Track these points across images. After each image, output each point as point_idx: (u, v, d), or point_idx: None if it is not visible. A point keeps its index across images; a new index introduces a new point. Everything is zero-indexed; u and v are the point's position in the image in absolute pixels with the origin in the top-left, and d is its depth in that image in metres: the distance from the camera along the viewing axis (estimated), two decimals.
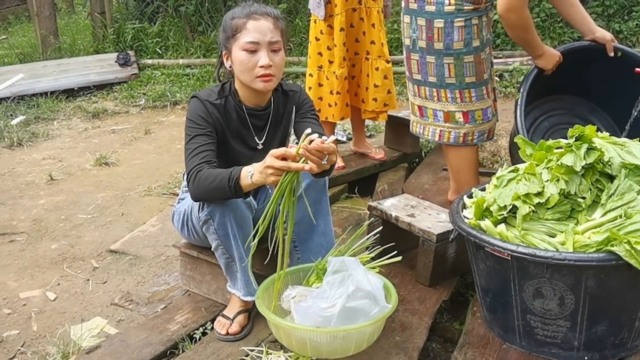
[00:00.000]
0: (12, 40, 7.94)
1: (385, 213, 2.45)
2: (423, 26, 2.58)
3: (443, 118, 2.69)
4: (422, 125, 2.80)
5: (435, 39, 2.56)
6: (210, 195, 1.98)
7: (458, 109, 2.65)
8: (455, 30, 2.52)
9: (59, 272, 2.85)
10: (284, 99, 2.25)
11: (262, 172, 1.82)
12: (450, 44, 2.54)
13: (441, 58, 2.58)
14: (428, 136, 2.78)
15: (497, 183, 1.93)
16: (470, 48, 2.55)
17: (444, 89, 2.64)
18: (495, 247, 1.79)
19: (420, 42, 2.61)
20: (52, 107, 5.48)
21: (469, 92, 2.62)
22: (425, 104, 2.73)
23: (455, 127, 2.68)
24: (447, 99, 2.65)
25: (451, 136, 2.70)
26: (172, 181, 3.83)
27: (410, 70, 2.73)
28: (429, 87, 2.67)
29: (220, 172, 1.92)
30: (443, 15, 2.51)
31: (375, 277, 1.90)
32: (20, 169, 4.17)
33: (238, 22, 2.05)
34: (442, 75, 2.61)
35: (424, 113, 2.76)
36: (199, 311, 2.37)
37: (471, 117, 2.66)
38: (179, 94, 5.64)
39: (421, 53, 2.63)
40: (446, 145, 2.77)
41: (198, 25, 6.76)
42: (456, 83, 2.61)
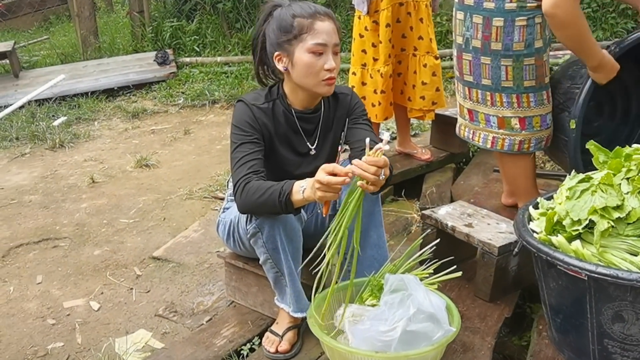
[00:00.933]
0: (53, 40, 8.00)
1: (441, 222, 2.31)
2: (479, 24, 2.36)
3: (497, 124, 2.47)
4: (471, 129, 2.60)
5: (492, 39, 2.34)
6: (259, 210, 1.88)
7: (514, 115, 2.43)
8: (516, 29, 2.30)
9: (102, 279, 2.80)
10: (334, 102, 2.12)
11: (312, 188, 1.72)
12: (509, 45, 2.32)
13: (498, 59, 2.36)
14: (478, 142, 2.57)
15: (569, 194, 1.77)
16: (532, 49, 2.33)
17: (499, 92, 2.42)
18: (570, 266, 1.64)
19: (475, 41, 2.40)
20: (93, 108, 5.48)
21: (527, 96, 2.40)
22: (476, 108, 2.52)
23: (510, 134, 2.46)
24: (502, 103, 2.43)
25: (505, 143, 2.49)
26: (213, 184, 3.76)
27: (461, 70, 2.51)
28: (482, 90, 2.45)
29: (271, 185, 1.82)
30: (503, 13, 2.29)
31: (437, 298, 1.77)
32: (62, 171, 4.15)
33: (303, 22, 1.92)
34: (498, 77, 2.39)
35: (474, 117, 2.55)
36: (246, 324, 2.28)
37: (528, 124, 2.43)
38: (217, 92, 5.57)
39: (475, 53, 2.42)
40: (500, 152, 2.57)
41: (236, 22, 6.69)
42: (513, 87, 2.39)
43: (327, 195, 1.68)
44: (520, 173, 2.60)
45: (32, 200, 3.69)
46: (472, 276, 2.29)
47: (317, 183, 1.68)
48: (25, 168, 4.23)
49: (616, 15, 5.59)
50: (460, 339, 1.99)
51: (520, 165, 2.57)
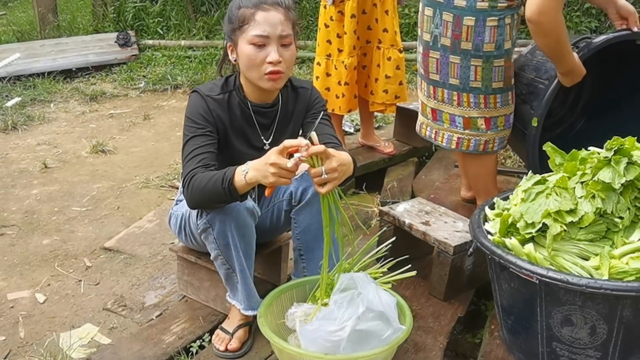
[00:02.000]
0: (10, 17, 7.72)
1: (398, 219, 2.28)
2: (449, 22, 2.30)
3: (463, 124, 2.43)
4: (434, 129, 2.55)
5: (463, 38, 2.28)
6: (205, 201, 1.81)
7: (480, 115, 2.40)
8: (487, 30, 2.25)
9: (50, 270, 2.70)
10: (293, 96, 2.07)
11: (260, 170, 1.65)
12: (480, 45, 2.27)
13: (468, 59, 2.31)
14: (442, 143, 2.52)
15: (524, 196, 1.76)
16: (502, 51, 2.29)
17: (467, 92, 2.37)
18: (522, 269, 1.63)
19: (444, 39, 2.33)
20: (49, 89, 5.30)
21: (494, 97, 2.37)
22: (440, 108, 2.47)
23: (475, 135, 2.43)
24: (469, 103, 2.39)
25: (471, 144, 2.45)
26: (171, 172, 3.67)
27: (427, 69, 2.45)
28: (448, 89, 2.40)
29: (215, 174, 1.75)
30: (475, 12, 2.24)
31: (388, 295, 1.74)
32: (14, 155, 4.00)
33: (245, 12, 1.84)
34: (466, 78, 2.34)
35: (438, 117, 2.50)
36: (197, 320, 2.22)
37: (493, 124, 2.41)
38: (180, 77, 5.45)
39: (443, 51, 2.36)
40: (464, 153, 2.55)
41: (201, 5, 6.55)
42: (482, 87, 2.35)
43: (281, 181, 1.64)
44: (482, 172, 2.58)
45: None
46: (428, 274, 2.27)
47: (273, 167, 1.62)
48: None
49: (580, 14, 5.64)
50: (412, 339, 1.97)
51: (483, 165, 2.56)
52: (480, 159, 2.52)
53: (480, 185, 2.61)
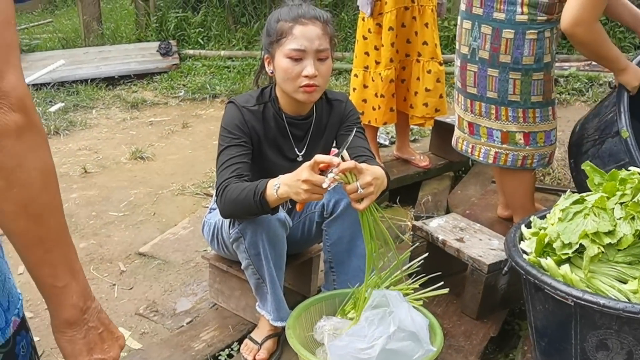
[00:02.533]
0: (56, 24, 7.95)
1: (431, 235, 2.26)
2: (488, 35, 2.28)
3: (500, 138, 2.40)
4: (470, 143, 2.52)
5: (502, 51, 2.27)
6: (238, 212, 1.83)
7: (519, 130, 2.36)
8: (526, 43, 2.23)
9: (85, 273, 2.73)
10: (328, 109, 2.07)
11: (292, 186, 1.65)
12: (519, 58, 2.25)
13: (507, 72, 2.29)
14: (478, 157, 2.50)
15: (562, 216, 1.72)
16: (541, 64, 2.27)
17: (505, 106, 2.35)
18: (557, 291, 1.58)
19: (482, 52, 2.32)
20: (92, 95, 5.42)
21: (533, 112, 2.34)
22: (478, 121, 2.45)
23: (514, 149, 2.40)
24: (507, 117, 2.36)
25: (509, 159, 2.42)
26: (206, 180, 3.70)
27: (465, 82, 2.43)
28: (486, 102, 2.38)
29: (247, 185, 1.77)
30: (514, 24, 2.22)
31: (420, 317, 1.71)
32: (55, 159, 3.95)
33: (284, 25, 1.86)
34: (505, 91, 2.32)
35: (475, 131, 2.47)
36: (226, 329, 2.23)
37: (532, 139, 2.37)
38: (218, 86, 5.51)
39: (481, 64, 2.34)
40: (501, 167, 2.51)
41: (241, 16, 6.63)
42: (520, 101, 2.32)
43: (313, 197, 1.64)
44: (520, 189, 2.54)
45: None
46: (460, 291, 2.24)
47: (306, 183, 1.62)
48: None
49: (624, 30, 5.52)
50: (442, 358, 1.94)
51: (521, 181, 2.52)
52: (518, 175, 2.48)
53: (517, 202, 2.56)
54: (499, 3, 2.25)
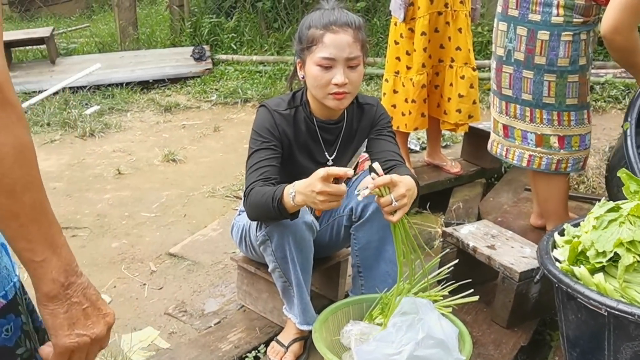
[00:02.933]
0: (93, 29, 8.11)
1: (462, 242, 2.23)
2: (523, 36, 2.28)
3: (535, 141, 2.38)
4: (505, 146, 2.51)
5: (537, 52, 2.26)
6: (261, 216, 1.84)
7: (554, 133, 2.34)
8: (561, 44, 2.22)
9: (116, 273, 2.79)
10: (358, 113, 2.06)
11: (307, 196, 1.65)
12: (554, 60, 2.24)
13: (541, 74, 2.28)
14: (513, 160, 2.48)
15: (596, 224, 1.68)
16: (577, 66, 2.25)
17: (539, 108, 2.33)
18: (591, 300, 1.54)
19: (518, 53, 2.31)
20: (127, 99, 5.51)
21: (568, 114, 2.31)
22: (512, 124, 2.43)
23: (548, 153, 2.37)
24: (542, 120, 2.34)
25: (543, 162, 2.40)
26: (236, 183, 3.73)
27: (500, 84, 2.43)
28: (521, 105, 2.37)
29: (267, 190, 1.77)
30: (549, 26, 2.21)
31: (450, 325, 1.68)
32: (89, 161, 4.18)
33: (315, 33, 1.85)
34: (539, 93, 2.30)
35: (509, 134, 2.46)
36: (253, 331, 2.24)
37: (567, 143, 2.34)
38: (250, 91, 5.56)
39: (517, 66, 2.33)
40: (535, 171, 2.48)
41: (274, 21, 6.67)
42: (555, 104, 2.30)
43: (332, 205, 1.63)
44: (553, 194, 2.50)
45: (57, 188, 3.72)
46: (490, 300, 2.20)
47: (321, 195, 1.61)
48: (53, 154, 4.28)
49: None
50: None
51: (554, 186, 2.48)
52: (551, 179, 2.44)
53: (551, 208, 2.51)
54: (535, 4, 2.23)
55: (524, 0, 2.27)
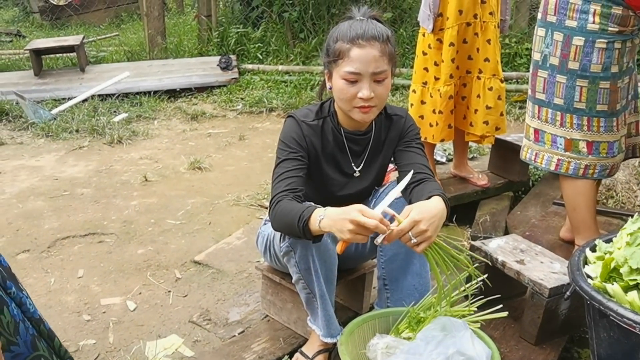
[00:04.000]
0: (122, 37, 8.23)
1: (491, 256, 2.19)
2: (559, 42, 2.31)
3: (564, 146, 2.40)
4: (534, 151, 2.52)
5: (571, 58, 2.29)
6: (285, 231, 1.84)
7: (583, 138, 2.36)
8: (595, 51, 2.24)
9: (142, 279, 2.80)
10: (387, 124, 2.05)
11: (337, 222, 1.63)
12: (587, 66, 2.27)
13: (574, 79, 2.31)
14: (541, 164, 2.49)
15: (630, 240, 1.64)
16: (609, 73, 2.27)
17: (570, 113, 2.35)
18: (624, 318, 1.51)
19: (553, 58, 2.35)
20: (154, 107, 5.57)
21: (597, 120, 2.33)
22: (543, 128, 2.45)
23: (576, 158, 2.39)
24: (572, 125, 2.36)
25: (570, 167, 2.41)
26: (261, 192, 3.73)
27: (534, 88, 2.46)
28: (552, 109, 2.40)
29: (294, 208, 1.75)
30: (585, 32, 2.24)
31: (483, 346, 1.65)
32: (117, 167, 4.22)
33: (342, 46, 1.83)
34: (571, 98, 2.33)
35: (539, 138, 2.48)
36: (277, 341, 2.23)
37: (595, 149, 2.36)
38: (275, 100, 5.58)
39: (551, 71, 2.37)
40: (563, 176, 2.47)
41: (300, 31, 6.70)
42: (585, 109, 2.32)
43: (358, 238, 1.61)
44: (582, 201, 2.48)
45: (84, 194, 3.76)
46: (519, 315, 2.17)
47: (352, 223, 1.59)
48: (81, 161, 4.33)
49: None
50: None
51: (582, 192, 2.46)
52: (578, 184, 2.44)
53: (579, 218, 2.48)
54: (572, 11, 2.26)
55: (561, 7, 2.30)
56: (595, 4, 2.21)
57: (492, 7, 3.07)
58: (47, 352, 1.50)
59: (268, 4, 6.80)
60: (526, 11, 6.06)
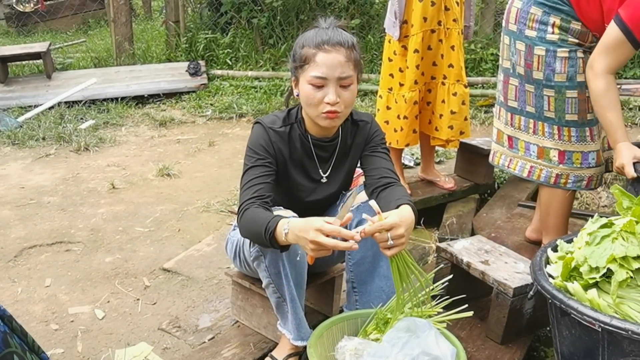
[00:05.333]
0: (89, 44, 8.14)
1: (456, 257, 2.24)
2: (522, 51, 2.33)
3: (536, 153, 2.43)
4: (508, 157, 2.55)
5: (534, 67, 2.31)
6: (253, 240, 1.86)
7: (554, 146, 2.38)
8: (557, 60, 2.26)
9: (110, 287, 2.78)
10: (353, 130, 2.07)
11: (299, 239, 1.66)
12: (551, 75, 2.28)
13: (541, 89, 2.33)
14: (514, 170, 2.52)
15: (589, 240, 1.69)
16: (574, 82, 2.27)
17: (542, 121, 2.38)
18: (584, 316, 1.55)
19: (519, 67, 2.38)
20: (122, 113, 5.52)
21: (568, 130, 2.35)
22: (517, 135, 2.49)
23: (548, 166, 2.42)
24: (544, 132, 2.39)
25: (542, 174, 2.44)
26: (231, 198, 3.73)
27: (506, 96, 2.48)
28: (525, 117, 2.42)
29: (261, 217, 1.77)
30: (545, 42, 2.26)
31: (448, 345, 1.68)
32: (84, 175, 4.17)
33: (308, 52, 1.86)
34: (541, 106, 2.35)
35: (513, 144, 2.51)
36: (247, 347, 2.23)
37: (567, 158, 2.37)
38: (245, 106, 5.58)
39: (520, 79, 2.39)
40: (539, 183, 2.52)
41: (269, 37, 6.71)
42: (555, 118, 2.35)
43: (321, 253, 1.64)
44: (555, 208, 2.52)
45: (51, 202, 3.71)
46: (485, 315, 2.21)
47: (313, 244, 1.62)
48: (48, 169, 4.27)
49: None
50: None
51: (556, 200, 2.50)
52: (554, 193, 2.48)
53: (551, 221, 2.54)
54: (532, 21, 2.29)
55: (521, 17, 2.32)
56: (555, 16, 2.23)
57: (456, 14, 3.13)
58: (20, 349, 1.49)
59: (237, 10, 6.79)
60: (491, 17, 6.17)
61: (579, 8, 2.20)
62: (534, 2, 2.28)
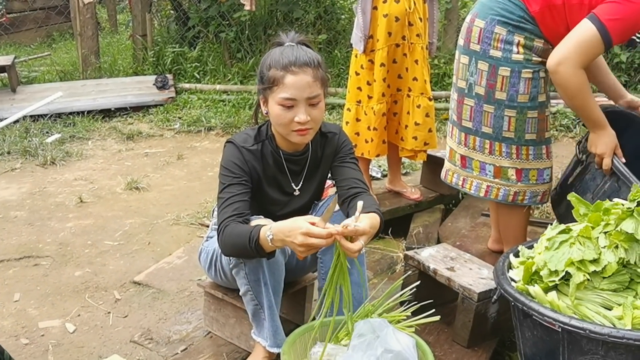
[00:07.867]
0: (55, 57, 8.05)
1: (423, 264, 2.31)
2: (484, 71, 2.33)
3: (493, 172, 2.44)
4: (461, 176, 2.56)
5: (497, 87, 2.31)
6: (237, 254, 1.92)
7: (512, 165, 2.41)
8: (522, 81, 2.29)
9: (80, 301, 2.77)
10: (322, 142, 2.14)
11: (287, 242, 1.75)
12: (514, 96, 2.31)
13: (502, 109, 2.34)
14: (470, 190, 2.53)
15: (548, 245, 1.78)
16: (536, 103, 2.32)
17: (499, 142, 2.39)
18: (545, 317, 1.64)
19: (478, 87, 2.37)
20: (88, 127, 5.48)
21: (527, 149, 2.38)
22: (471, 155, 2.49)
23: (505, 184, 2.44)
24: (501, 152, 2.40)
25: (500, 193, 2.45)
26: (201, 210, 3.75)
27: (460, 115, 2.47)
28: (480, 137, 2.42)
29: (242, 230, 1.83)
30: (510, 63, 2.28)
31: (406, 337, 1.75)
32: (51, 189, 4.14)
33: (275, 74, 1.91)
34: (499, 127, 2.36)
35: (467, 164, 2.52)
36: (220, 356, 2.26)
37: (525, 176, 2.41)
38: (213, 119, 5.59)
39: (477, 100, 2.39)
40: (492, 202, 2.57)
41: (237, 51, 6.76)
42: (514, 138, 2.37)
43: (310, 252, 1.74)
44: (513, 222, 2.58)
45: (18, 216, 3.67)
46: (451, 320, 2.28)
47: (301, 247, 1.70)
48: (13, 183, 4.22)
49: (610, 69, 5.68)
50: None
51: (515, 216, 2.55)
52: (513, 209, 2.52)
53: (510, 235, 2.60)
54: (497, 41, 2.29)
55: (485, 36, 2.31)
56: (519, 35, 2.25)
57: (419, 29, 3.24)
58: None
59: (204, 24, 6.83)
60: (454, 33, 6.33)
61: (543, 23, 2.24)
62: (497, 21, 2.29)
